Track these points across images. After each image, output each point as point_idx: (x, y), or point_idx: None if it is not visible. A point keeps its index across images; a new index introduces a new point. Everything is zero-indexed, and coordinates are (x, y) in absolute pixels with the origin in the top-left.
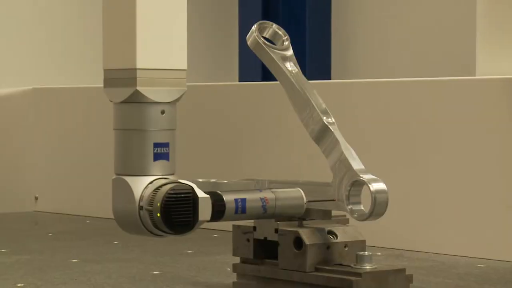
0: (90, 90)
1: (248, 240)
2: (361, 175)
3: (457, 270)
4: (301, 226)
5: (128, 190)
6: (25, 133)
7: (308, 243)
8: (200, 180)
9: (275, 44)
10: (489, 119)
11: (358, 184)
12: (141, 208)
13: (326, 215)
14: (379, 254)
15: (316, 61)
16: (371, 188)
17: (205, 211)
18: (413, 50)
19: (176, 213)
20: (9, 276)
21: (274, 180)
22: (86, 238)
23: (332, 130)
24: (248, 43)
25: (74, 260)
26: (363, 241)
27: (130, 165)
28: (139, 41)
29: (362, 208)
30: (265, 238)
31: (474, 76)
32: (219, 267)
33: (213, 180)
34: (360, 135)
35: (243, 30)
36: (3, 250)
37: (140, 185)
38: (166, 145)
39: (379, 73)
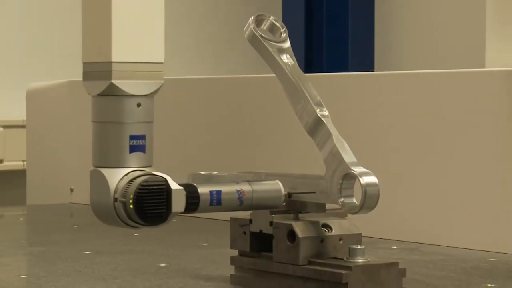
0: None
1: (245, 233)
2: (352, 168)
3: (465, 264)
4: (296, 219)
5: (104, 182)
6: (61, 125)
7: (301, 236)
8: (203, 172)
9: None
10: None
11: (349, 177)
12: (115, 199)
13: (320, 208)
14: (395, 247)
15: (358, 53)
16: (362, 181)
17: (178, 203)
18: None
19: (148, 204)
20: (15, 267)
21: (271, 172)
22: (108, 230)
23: (325, 122)
24: (245, 36)
25: (86, 252)
26: (359, 235)
27: (106, 157)
28: (114, 35)
29: (355, 201)
30: (261, 231)
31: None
32: (226, 260)
33: (215, 172)
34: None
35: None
36: (22, 242)
37: (116, 177)
38: (142, 137)
39: (423, 65)
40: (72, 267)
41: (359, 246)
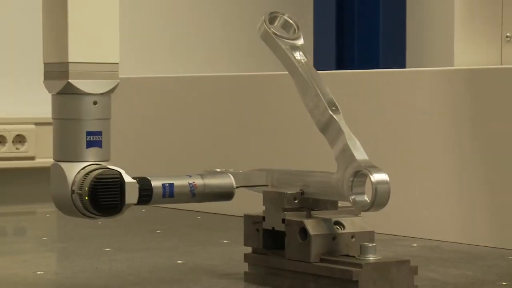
0: (170, 79)
1: (258, 230)
2: (363, 166)
3: (483, 262)
4: (308, 216)
5: (62, 175)
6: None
7: (312, 233)
8: (218, 169)
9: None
10: None
11: (360, 175)
12: (73, 192)
13: (332, 205)
14: (415, 245)
15: (390, 49)
16: (372, 179)
17: (131, 195)
18: None
19: (102, 196)
20: (33, 264)
21: (283, 169)
22: (132, 227)
23: (337, 120)
24: (259, 34)
25: (107, 249)
26: (371, 232)
27: (65, 152)
28: (71, 36)
29: (366, 198)
30: (273, 228)
31: None
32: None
33: (231, 169)
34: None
35: (318, 18)
36: (44, 238)
37: (73, 171)
38: (99, 133)
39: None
40: (90, 264)
41: (370, 244)
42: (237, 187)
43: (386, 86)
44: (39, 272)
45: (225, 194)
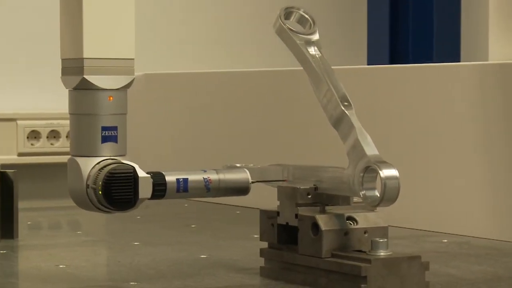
0: (199, 75)
1: (273, 225)
2: (373, 161)
3: (508, 259)
4: (322, 212)
5: (78, 169)
6: (137, 119)
7: (324, 228)
8: (238, 165)
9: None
10: None
11: (370, 170)
12: (88, 186)
13: (345, 201)
14: (445, 240)
15: (444, 43)
16: (381, 174)
17: (145, 189)
18: None
19: (116, 190)
20: (58, 257)
21: (298, 165)
22: (170, 221)
23: (349, 115)
24: (274, 29)
25: (135, 243)
26: (385, 228)
27: (81, 147)
28: (85, 32)
29: (377, 194)
30: (287, 223)
31: None
32: None
33: (251, 165)
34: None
35: (372, 13)
36: (78, 232)
37: (89, 165)
38: (114, 128)
39: None
40: (114, 258)
41: (381, 239)
42: (253, 182)
43: (416, 81)
44: (61, 266)
45: (241, 189)
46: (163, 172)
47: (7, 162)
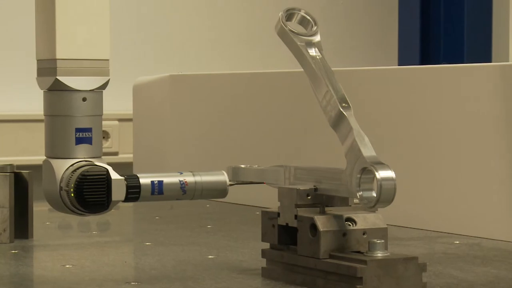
0: (225, 76)
1: (274, 226)
2: (369, 162)
3: None
4: (321, 213)
5: (52, 171)
6: (163, 119)
7: (322, 229)
8: (242, 166)
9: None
10: None
11: (367, 172)
12: (61, 188)
13: (344, 202)
14: (457, 242)
15: (475, 43)
16: (377, 176)
17: (118, 192)
18: None
19: (88, 193)
20: (66, 257)
21: (299, 166)
22: (188, 222)
23: (347, 116)
24: (276, 31)
25: (147, 243)
26: (384, 229)
27: (55, 148)
28: (58, 33)
29: (373, 195)
30: (287, 224)
31: None
32: None
33: (255, 166)
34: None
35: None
36: (94, 232)
37: (62, 167)
38: (88, 130)
39: None
40: (121, 258)
41: (378, 240)
42: (231, 185)
43: (434, 82)
44: (67, 266)
45: (218, 191)
46: (138, 175)
47: (21, 163)
